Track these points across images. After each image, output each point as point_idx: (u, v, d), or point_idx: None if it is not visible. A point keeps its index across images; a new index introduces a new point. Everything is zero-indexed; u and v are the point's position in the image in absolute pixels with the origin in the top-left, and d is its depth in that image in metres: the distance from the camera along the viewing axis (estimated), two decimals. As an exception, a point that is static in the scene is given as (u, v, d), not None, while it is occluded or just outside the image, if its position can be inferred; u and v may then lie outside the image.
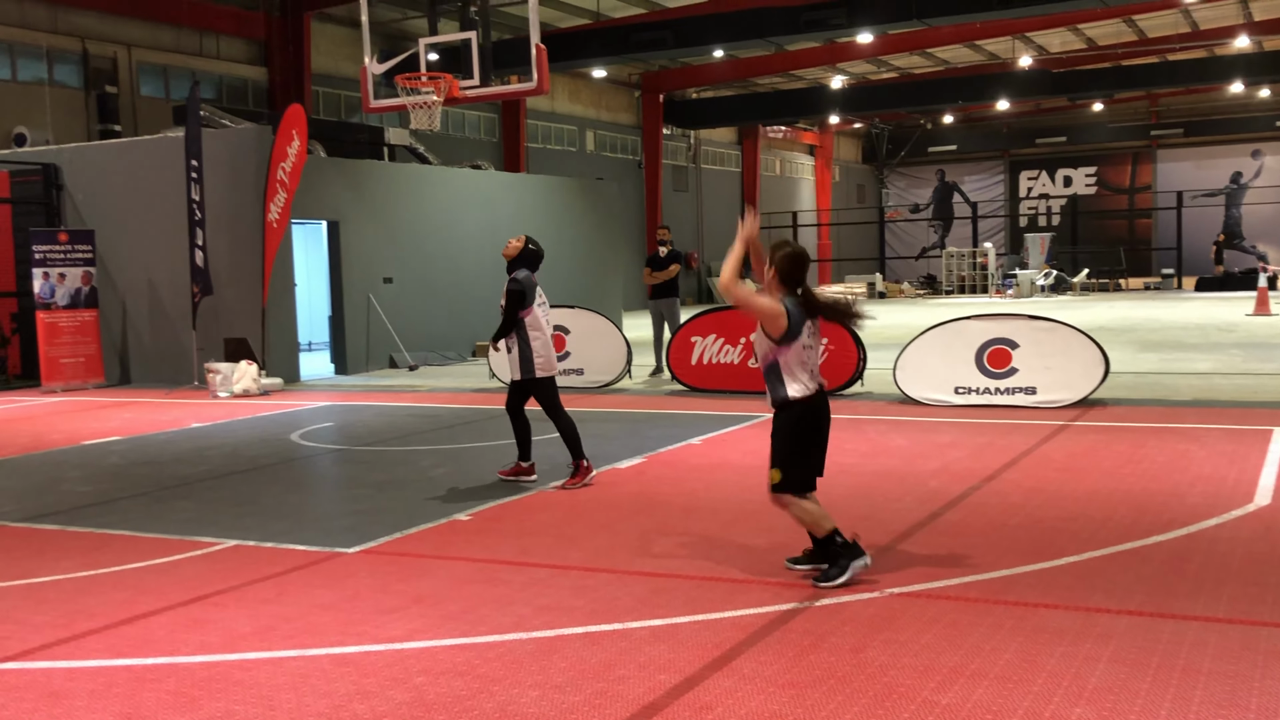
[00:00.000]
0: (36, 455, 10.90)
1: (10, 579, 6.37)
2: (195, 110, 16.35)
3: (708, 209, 43.76)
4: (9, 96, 21.16)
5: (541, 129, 34.79)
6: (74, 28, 22.18)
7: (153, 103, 23.68)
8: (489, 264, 20.57)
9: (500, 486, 8.55)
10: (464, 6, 14.36)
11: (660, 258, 15.73)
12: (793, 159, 50.52)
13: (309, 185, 16.86)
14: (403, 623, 5.35)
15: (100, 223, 17.55)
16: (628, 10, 29.23)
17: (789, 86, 40.85)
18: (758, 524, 7.10)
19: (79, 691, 4.61)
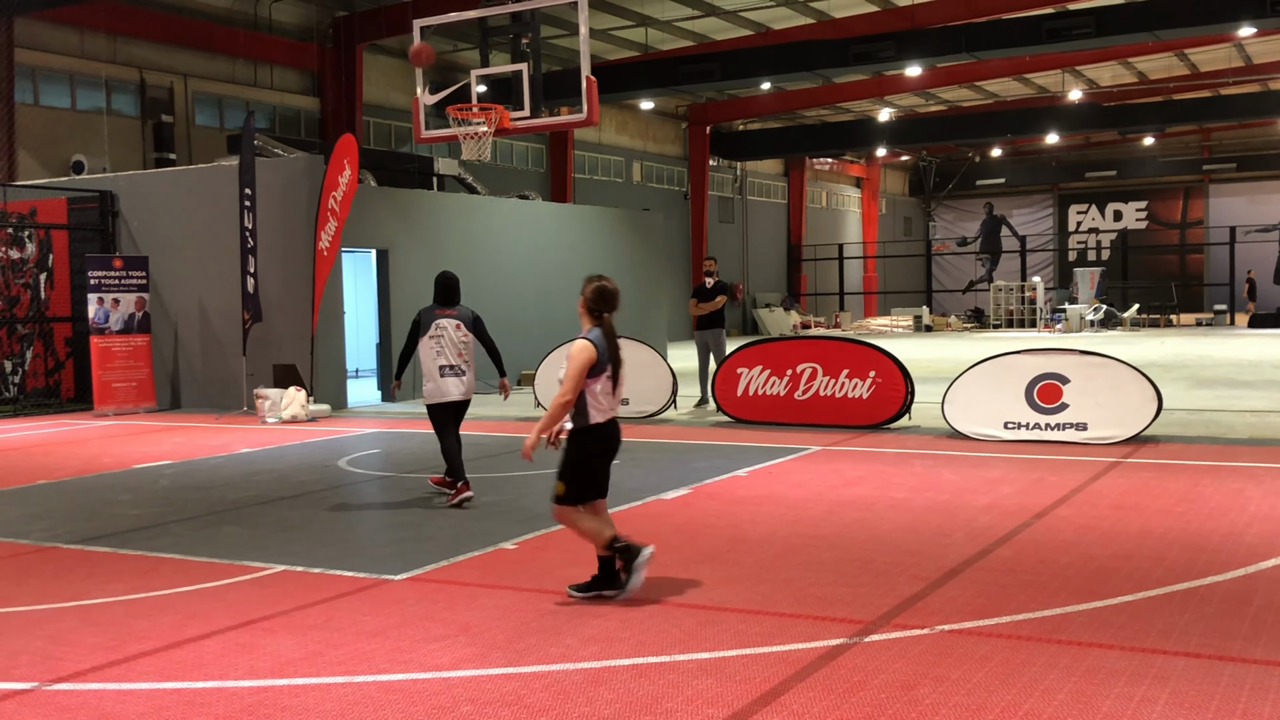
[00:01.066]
0: (89, 478, 11.04)
1: (63, 600, 6.44)
2: (250, 139, 16.60)
3: (753, 240, 43.78)
4: (68, 125, 21.60)
5: (588, 160, 35.01)
6: (132, 58, 22.62)
7: (207, 132, 24.08)
8: (534, 294, 20.69)
9: (545, 517, 8.53)
10: (515, 39, 14.49)
11: (706, 289, 15.73)
12: (839, 191, 50.46)
13: (359, 214, 17.04)
14: (449, 651, 5.35)
15: (154, 249, 17.82)
16: (676, 42, 29.42)
17: (836, 119, 40.87)
18: (805, 558, 7.05)
19: (130, 714, 4.64)
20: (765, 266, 44.73)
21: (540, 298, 20.83)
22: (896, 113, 40.66)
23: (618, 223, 23.79)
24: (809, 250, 47.05)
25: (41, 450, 13.23)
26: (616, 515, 8.51)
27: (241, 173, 16.37)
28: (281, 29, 25.31)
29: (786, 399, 13.53)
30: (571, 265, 21.84)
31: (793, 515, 8.37)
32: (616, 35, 28.52)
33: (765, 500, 9.02)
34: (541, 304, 20.80)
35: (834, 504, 8.77)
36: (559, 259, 21.51)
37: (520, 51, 14.34)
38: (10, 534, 8.35)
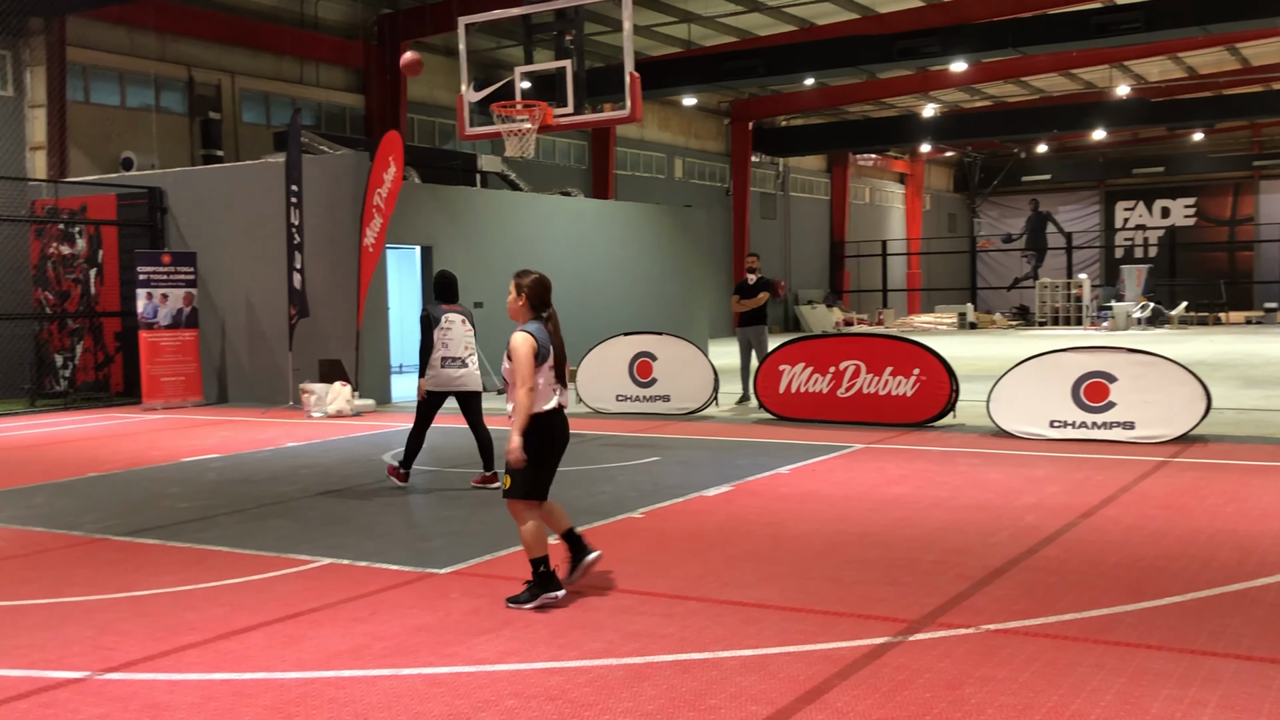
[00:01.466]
0: (138, 471, 11.19)
1: (114, 591, 6.54)
2: (296, 136, 16.74)
3: (796, 237, 43.63)
4: (118, 122, 21.89)
5: (630, 156, 35.03)
6: (180, 56, 22.88)
7: (254, 129, 24.32)
8: (576, 290, 20.72)
9: (588, 512, 8.56)
10: (559, 35, 14.50)
11: (749, 285, 15.70)
12: (883, 187, 50.18)
13: (404, 211, 17.15)
14: (494, 645, 5.38)
15: (202, 245, 18.03)
16: (719, 38, 29.37)
17: (880, 114, 40.65)
18: (849, 555, 7.02)
19: (179, 704, 4.70)
20: (808, 263, 44.55)
21: (582, 294, 20.86)
22: (941, 108, 40.37)
23: (659, 219, 23.79)
24: (852, 247, 46.83)
25: (91, 443, 13.43)
26: (660, 511, 8.53)
27: (288, 169, 16.53)
28: (327, 27, 25.51)
29: (829, 396, 13.48)
30: (613, 262, 21.88)
31: (835, 513, 8.34)
32: (660, 31, 28.50)
33: (808, 498, 8.99)
34: (583, 301, 20.84)
35: (877, 502, 8.73)
36: (601, 256, 21.55)
37: (564, 48, 14.35)
38: (62, 525, 8.49)
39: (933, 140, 40.57)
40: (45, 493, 9.98)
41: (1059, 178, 51.43)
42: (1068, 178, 51.36)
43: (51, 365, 19.05)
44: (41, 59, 20.09)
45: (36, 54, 20.15)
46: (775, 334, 31.53)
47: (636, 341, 15.13)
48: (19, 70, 20.18)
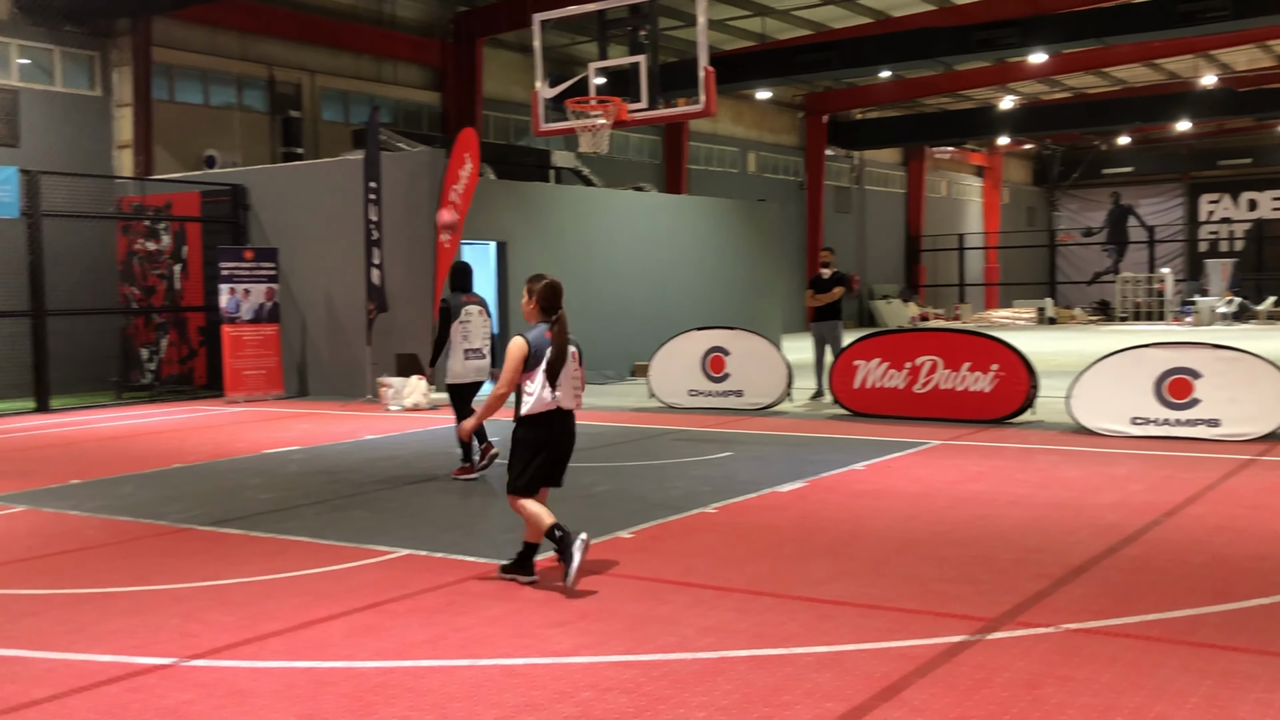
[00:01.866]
0: (221, 462, 11.43)
1: (198, 580, 6.69)
2: (375, 134, 16.96)
3: (871, 231, 43.26)
4: (201, 120, 22.34)
5: (704, 151, 34.97)
6: (261, 55, 23.29)
7: (333, 127, 24.68)
8: (648, 285, 20.76)
9: (660, 506, 8.58)
10: (633, 31, 14.53)
11: (823, 280, 15.59)
12: (960, 180, 49.55)
13: (479, 207, 17.30)
14: (569, 637, 5.42)
15: (283, 241, 18.35)
16: (793, 31, 29.19)
17: (957, 107, 40.13)
18: (925, 553, 6.95)
19: (261, 691, 4.80)
20: (883, 257, 44.15)
21: (654, 289, 20.89)
22: (1020, 100, 39.72)
23: (732, 214, 23.73)
24: (928, 241, 46.30)
25: (176, 435, 13.74)
26: (733, 506, 8.52)
27: (366, 166, 16.75)
28: (404, 25, 25.80)
29: (905, 392, 13.34)
30: (686, 257, 21.87)
31: (911, 510, 8.26)
32: (734, 25, 28.40)
33: (883, 494, 8.92)
34: (655, 296, 20.87)
35: (954, 499, 8.64)
36: (673, 251, 21.55)
37: (638, 43, 14.38)
38: (148, 515, 8.70)
39: (1011, 133, 39.94)
40: (132, 483, 10.24)
41: (1141, 170, 50.36)
42: (1150, 170, 50.27)
43: (137, 359, 19.52)
44: (128, 59, 20.57)
45: (123, 54, 20.64)
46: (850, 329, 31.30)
47: (709, 336, 15.11)
48: (106, 70, 20.68)
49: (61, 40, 19.89)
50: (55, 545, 7.74)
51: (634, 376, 19.89)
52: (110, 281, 19.57)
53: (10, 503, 9.31)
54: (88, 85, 20.51)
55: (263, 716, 4.51)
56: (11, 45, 19.34)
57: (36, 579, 6.80)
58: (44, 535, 8.08)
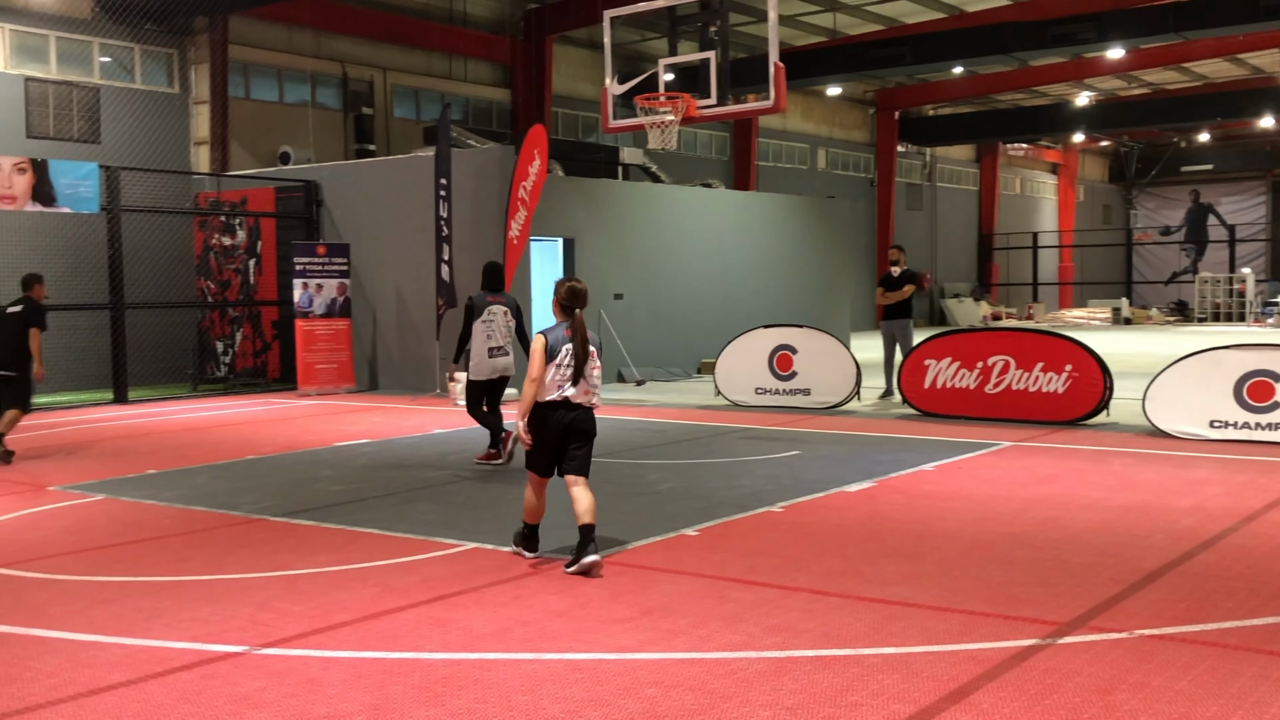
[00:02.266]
0: (293, 454, 11.60)
1: (270, 570, 6.80)
2: (446, 131, 17.10)
3: (943, 228, 42.79)
4: (276, 117, 22.69)
5: (773, 147, 34.81)
6: (335, 52, 23.60)
7: (405, 124, 24.94)
8: (716, 282, 20.71)
9: (726, 504, 8.56)
10: (703, 27, 14.51)
11: (893, 278, 15.45)
12: (1034, 177, 48.83)
13: (547, 203, 17.38)
14: (633, 634, 5.42)
15: (355, 237, 18.58)
16: (865, 27, 28.94)
17: (1031, 103, 39.53)
18: (995, 555, 6.86)
19: (332, 680, 4.86)
20: (955, 255, 43.64)
21: (722, 286, 20.83)
22: (1096, 96, 39.03)
23: (801, 210, 23.59)
24: (1001, 239, 45.68)
25: (250, 427, 13.97)
26: (800, 505, 8.48)
27: (438, 163, 16.89)
28: (475, 22, 25.99)
29: (976, 392, 13.18)
30: (754, 254, 21.79)
31: (982, 512, 8.16)
32: (804, 21, 28.23)
33: (953, 496, 8.82)
34: (723, 293, 20.81)
35: (1026, 501, 8.52)
36: (741, 247, 21.48)
37: (708, 39, 14.35)
38: (222, 506, 8.86)
39: (1087, 129, 39.25)
40: (207, 474, 10.43)
41: (1222, 167, 49.22)
42: (1231, 167, 49.10)
43: (213, 352, 19.88)
44: (205, 57, 20.95)
45: (200, 52, 21.02)
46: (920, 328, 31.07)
47: (777, 334, 15.04)
48: (184, 68, 21.08)
49: (141, 38, 20.31)
50: (133, 534, 7.91)
51: (700, 374, 19.87)
52: (187, 276, 19.97)
53: (89, 491, 9.53)
54: (166, 83, 20.92)
55: (333, 705, 4.57)
56: (93, 44, 19.79)
57: (115, 566, 6.96)
58: (122, 524, 8.26)
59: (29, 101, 18.95)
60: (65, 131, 19.38)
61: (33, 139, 18.83)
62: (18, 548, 7.50)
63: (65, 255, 18.62)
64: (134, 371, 17.45)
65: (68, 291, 18.20)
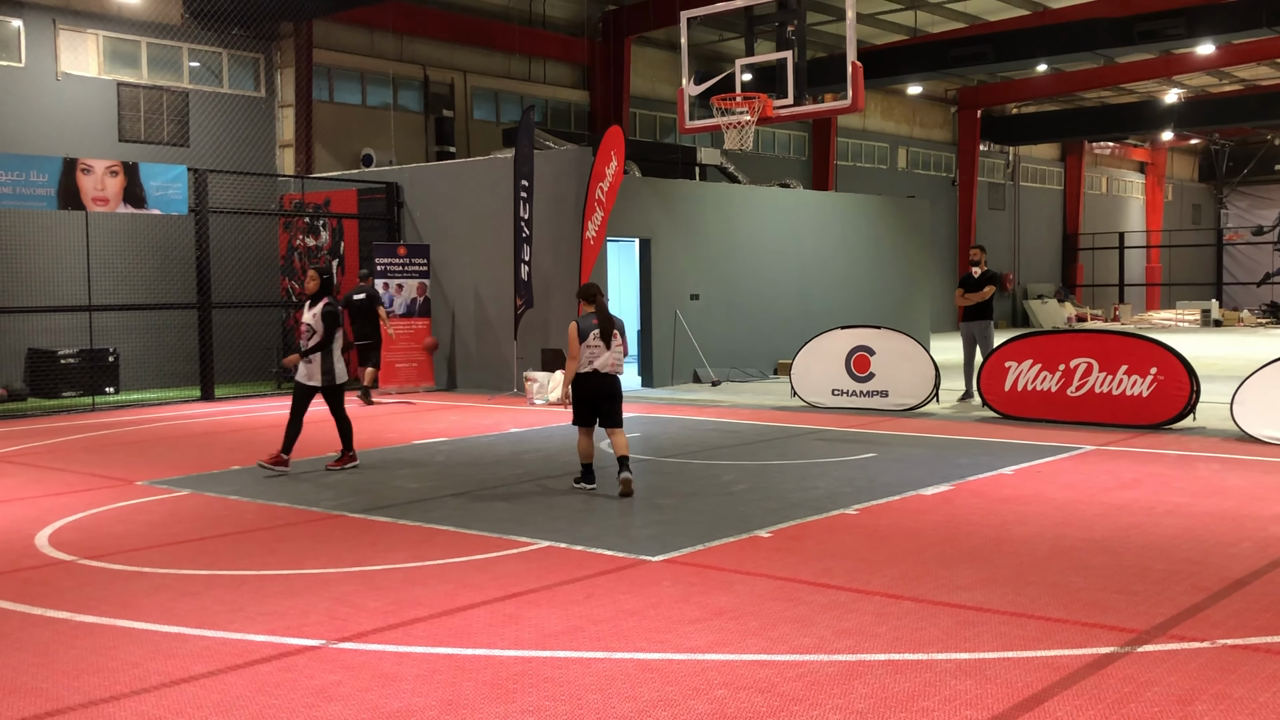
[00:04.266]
0: (373, 452, 11.78)
1: (348, 565, 6.91)
2: (529, 133, 17.23)
3: (1025, 229, 42.13)
4: (359, 120, 23.05)
5: (852, 146, 34.54)
6: (416, 56, 23.91)
7: (484, 125, 25.19)
8: (793, 283, 20.60)
9: (800, 506, 8.52)
10: (781, 26, 14.45)
11: (974, 278, 15.25)
12: (1120, 177, 47.85)
13: (624, 204, 17.44)
14: (704, 634, 5.42)
15: (434, 237, 18.82)
16: (946, 24, 28.60)
17: (1118, 100, 38.74)
18: (1074, 561, 6.75)
19: (406, 675, 4.94)
20: (1038, 256, 42.93)
21: (799, 287, 20.73)
22: (1185, 93, 38.12)
23: (881, 210, 23.38)
24: (1086, 239, 44.84)
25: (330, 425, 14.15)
26: (875, 508, 8.42)
27: (519, 164, 17.03)
28: (554, 24, 26.16)
29: (1058, 395, 12.96)
30: (832, 254, 21.65)
31: (1061, 517, 8.03)
32: (884, 19, 27.98)
33: (1032, 500, 8.68)
34: (800, 293, 20.70)
35: (1107, 507, 8.36)
36: (819, 248, 21.35)
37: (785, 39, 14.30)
38: (303, 502, 9.03)
39: (1176, 127, 38.33)
40: (289, 470, 10.63)
41: (1318, 165, 47.79)
42: (1328, 165, 47.68)
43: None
44: (290, 61, 21.36)
45: (286, 56, 21.43)
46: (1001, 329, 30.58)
47: (854, 335, 14.93)
48: (270, 72, 21.51)
49: (229, 44, 20.77)
50: (216, 528, 8.10)
51: (776, 374, 19.79)
52: (272, 276, 20.37)
53: (175, 487, 9.77)
54: (253, 87, 21.36)
55: (407, 700, 4.64)
56: (183, 49, 20.28)
57: (198, 560, 7.13)
58: (206, 518, 8.46)
59: (121, 106, 19.48)
60: (155, 135, 19.89)
61: (124, 142, 19.35)
62: (107, 541, 7.73)
63: (155, 256, 19.13)
64: (220, 369, 17.86)
65: (157, 291, 18.70)
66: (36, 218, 17.15)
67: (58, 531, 8.03)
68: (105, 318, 17.66)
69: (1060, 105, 39.29)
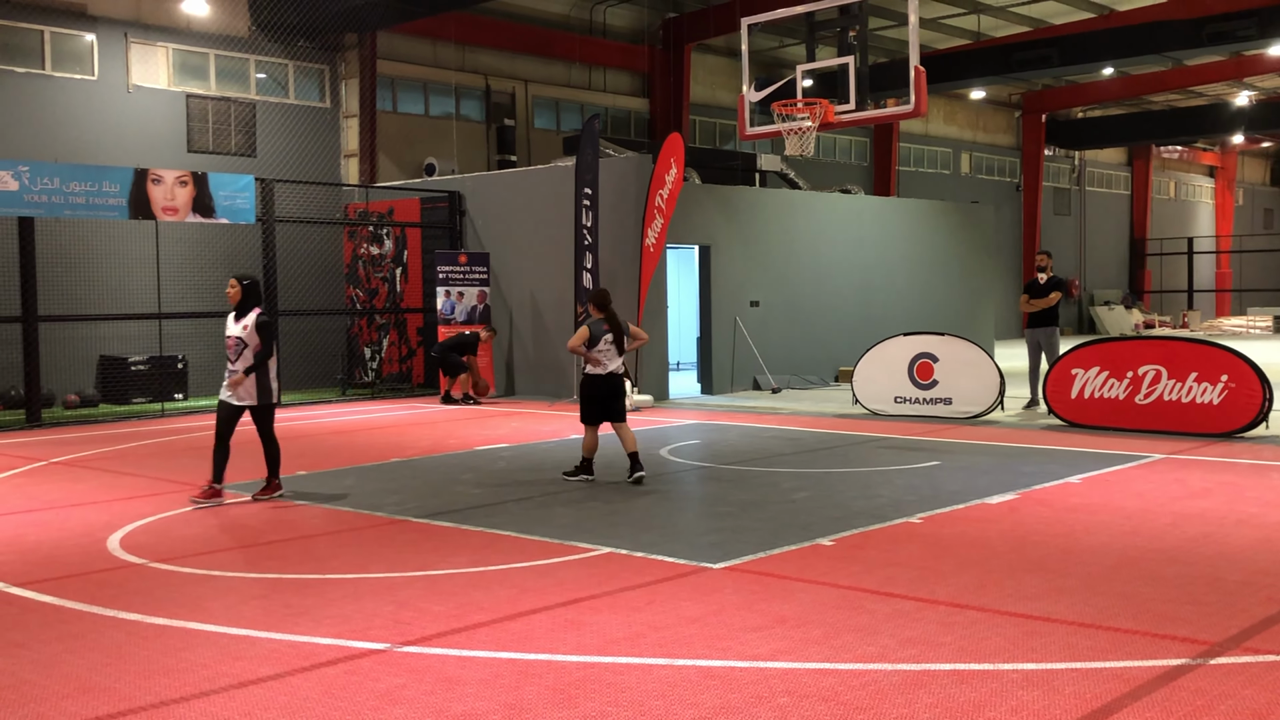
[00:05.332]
0: (435, 457, 11.88)
1: (412, 569, 6.97)
2: (594, 141, 17.27)
3: (1092, 234, 41.54)
4: (422, 129, 23.29)
5: (914, 152, 34.28)
6: (478, 66, 24.11)
7: (544, 134, 25.33)
8: (855, 289, 20.47)
9: (863, 514, 8.46)
10: (842, 32, 14.39)
11: (1039, 284, 15.06)
12: (1189, 181, 47.02)
13: (683, 211, 17.44)
14: (767, 642, 5.40)
15: (495, 245, 18.95)
16: (1010, 28, 28.31)
17: (1186, 103, 38.08)
18: (1144, 572, 6.63)
19: (469, 679, 4.97)
20: (1104, 261, 42.29)
21: (861, 293, 20.59)
22: (1257, 95, 37.36)
23: (944, 216, 23.17)
24: (1154, 244, 44.11)
25: (395, 431, 14.35)
26: (939, 517, 8.34)
27: (582, 172, 17.07)
28: (614, 33, 26.24)
29: (1126, 403, 12.75)
30: (894, 260, 21.48)
31: (1130, 526, 7.89)
32: (947, 24, 27.74)
33: (1100, 509, 8.55)
34: (862, 300, 20.56)
35: (1177, 516, 8.20)
36: (881, 254, 21.19)
37: (847, 44, 14.24)
38: (368, 506, 9.12)
39: (1247, 130, 37.58)
40: (354, 475, 10.76)
41: (1396, 168, 46.62)
42: (1407, 167, 46.47)
43: (361, 358, 20.48)
44: (355, 72, 21.64)
45: (350, 68, 21.72)
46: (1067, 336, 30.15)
47: (917, 342, 14.80)
48: (335, 83, 21.81)
49: (295, 55, 21.08)
50: (283, 532, 8.21)
51: (837, 382, 19.67)
52: (336, 284, 20.62)
53: (244, 491, 9.92)
54: (318, 97, 21.66)
55: (470, 703, 4.66)
56: (250, 61, 20.62)
57: (266, 563, 7.23)
58: (274, 522, 8.58)
59: (190, 117, 19.85)
60: (223, 145, 20.23)
61: (193, 153, 19.71)
62: (177, 544, 7.86)
63: (222, 264, 19.44)
64: (286, 376, 18.08)
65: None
66: (108, 227, 17.52)
67: (129, 535, 8.19)
68: (174, 325, 17.99)
69: (1127, 109, 38.70)
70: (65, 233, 17.04)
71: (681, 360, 22.11)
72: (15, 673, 5.17)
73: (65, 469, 11.48)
